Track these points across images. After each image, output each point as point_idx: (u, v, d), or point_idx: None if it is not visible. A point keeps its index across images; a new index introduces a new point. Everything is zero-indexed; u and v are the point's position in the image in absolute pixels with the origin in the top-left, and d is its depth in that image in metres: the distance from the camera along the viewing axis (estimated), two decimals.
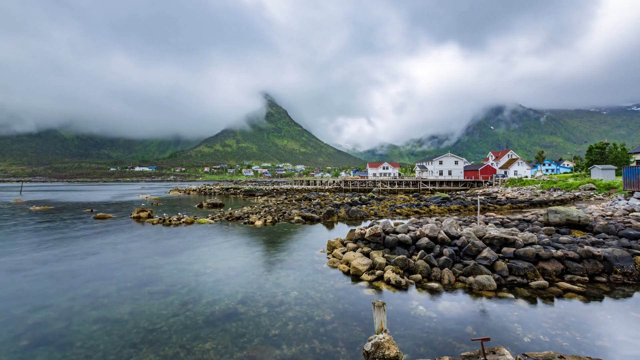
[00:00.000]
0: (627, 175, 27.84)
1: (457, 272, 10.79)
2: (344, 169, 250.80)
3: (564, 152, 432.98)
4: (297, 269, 12.45)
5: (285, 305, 8.98)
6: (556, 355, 5.14)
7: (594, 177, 48.16)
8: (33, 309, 8.84)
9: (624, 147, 71.37)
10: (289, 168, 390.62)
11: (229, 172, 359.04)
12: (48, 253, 15.37)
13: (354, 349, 6.70)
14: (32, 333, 7.50)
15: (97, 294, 9.95)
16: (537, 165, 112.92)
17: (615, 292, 9.57)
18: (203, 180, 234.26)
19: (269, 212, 28.96)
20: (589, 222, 16.33)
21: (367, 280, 10.79)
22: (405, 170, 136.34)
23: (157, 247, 16.57)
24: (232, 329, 7.63)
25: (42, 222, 25.84)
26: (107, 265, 13.12)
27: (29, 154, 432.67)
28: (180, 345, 6.90)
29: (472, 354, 5.45)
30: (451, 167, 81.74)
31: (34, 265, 13.22)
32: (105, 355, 6.55)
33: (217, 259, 14.06)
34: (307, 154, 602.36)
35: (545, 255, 10.99)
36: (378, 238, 13.54)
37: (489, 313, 8.32)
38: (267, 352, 6.63)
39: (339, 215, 27.08)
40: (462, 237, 12.49)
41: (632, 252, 11.51)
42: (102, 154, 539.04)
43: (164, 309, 8.78)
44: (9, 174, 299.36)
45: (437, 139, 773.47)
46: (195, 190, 71.23)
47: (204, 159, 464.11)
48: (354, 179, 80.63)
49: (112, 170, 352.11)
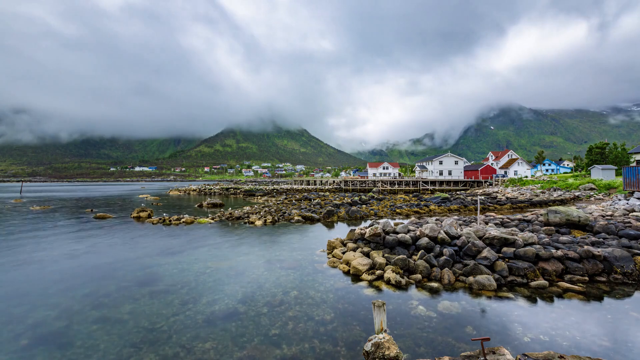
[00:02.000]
0: (627, 175, 27.83)
1: (457, 272, 10.79)
2: (344, 169, 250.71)
3: (564, 152, 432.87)
4: (297, 268, 12.45)
5: (285, 304, 8.98)
6: (556, 355, 5.14)
7: (594, 177, 48.16)
8: (33, 308, 8.84)
9: (624, 147, 71.38)
10: (289, 168, 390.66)
11: (229, 172, 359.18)
12: (48, 253, 15.37)
13: (354, 348, 6.70)
14: (32, 332, 7.50)
15: (97, 293, 9.95)
16: (537, 165, 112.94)
17: (615, 292, 9.57)
18: (203, 180, 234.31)
19: (269, 212, 28.95)
20: (589, 222, 16.32)
21: (367, 280, 10.78)
22: (405, 170, 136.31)
23: (157, 246, 16.57)
24: (232, 328, 7.63)
25: (42, 222, 25.83)
26: (107, 265, 13.12)
27: (29, 154, 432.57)
28: (180, 345, 6.90)
29: (472, 354, 5.45)
30: (451, 167, 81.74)
31: (34, 265, 13.22)
32: (105, 355, 6.55)
33: (217, 258, 14.05)
34: (307, 154, 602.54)
35: (545, 255, 10.99)
36: (378, 238, 13.54)
37: (489, 313, 8.32)
38: (267, 352, 6.63)
39: (339, 215, 27.08)
40: (462, 237, 12.48)
41: (632, 252, 11.51)
42: (102, 154, 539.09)
43: (164, 308, 8.78)
44: (9, 174, 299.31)
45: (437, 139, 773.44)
46: (195, 190, 71.17)
47: (204, 159, 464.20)
48: (354, 179, 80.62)
49: (112, 170, 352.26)
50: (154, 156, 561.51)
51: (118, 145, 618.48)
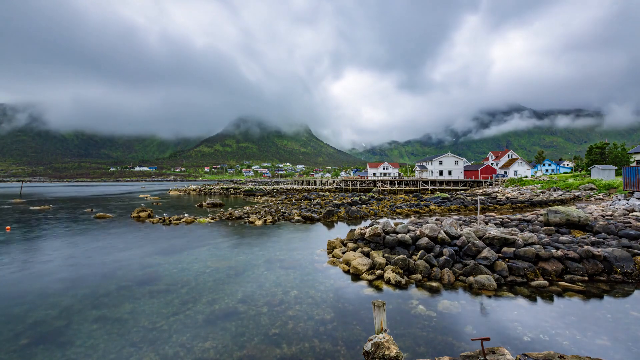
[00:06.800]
0: (627, 175, 27.83)
1: (457, 272, 10.79)
2: (344, 169, 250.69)
3: (564, 152, 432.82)
4: (297, 268, 12.45)
5: (285, 304, 8.98)
6: (556, 355, 5.14)
7: (594, 177, 48.16)
8: (33, 308, 8.84)
9: (624, 147, 71.38)
10: (289, 168, 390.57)
11: (229, 172, 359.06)
12: (48, 253, 15.37)
13: (354, 348, 6.69)
14: (32, 332, 7.50)
15: (97, 292, 9.95)
16: (537, 165, 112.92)
17: (615, 292, 9.57)
18: (203, 180, 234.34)
19: (269, 211, 28.95)
20: (589, 222, 16.33)
21: (367, 280, 10.79)
22: (405, 170, 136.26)
23: (157, 246, 16.57)
24: (232, 328, 7.63)
25: (42, 222, 25.83)
26: (107, 265, 13.12)
27: (29, 154, 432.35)
28: (180, 344, 6.89)
29: (472, 354, 5.45)
30: (451, 167, 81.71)
31: (34, 265, 13.22)
32: (105, 354, 6.55)
33: (217, 258, 14.06)
34: (307, 154, 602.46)
35: (545, 255, 10.99)
36: (378, 238, 13.54)
37: (488, 313, 8.32)
38: (267, 351, 6.62)
39: (339, 215, 27.08)
40: (462, 237, 12.48)
41: (632, 252, 11.51)
42: (102, 154, 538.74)
43: (164, 308, 8.78)
44: (9, 174, 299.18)
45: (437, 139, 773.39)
46: (195, 190, 71.18)
47: (204, 159, 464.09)
48: (354, 179, 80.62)
49: (112, 170, 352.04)
50: (154, 156, 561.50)
51: (118, 145, 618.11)
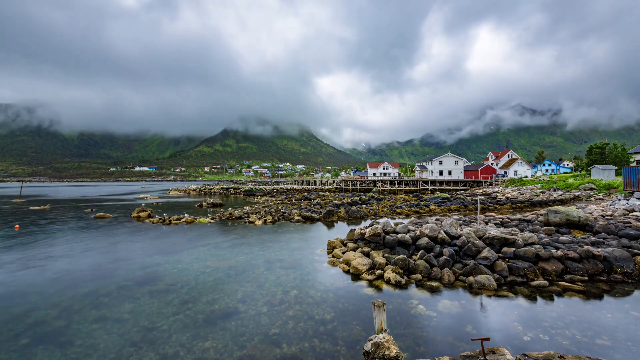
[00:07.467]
0: (627, 175, 27.84)
1: (457, 272, 10.79)
2: (344, 169, 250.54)
3: (564, 152, 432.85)
4: (297, 268, 12.45)
5: (285, 304, 8.98)
6: (556, 355, 5.14)
7: (594, 177, 48.15)
8: (33, 308, 8.84)
9: (624, 147, 71.39)
10: (289, 168, 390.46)
11: (229, 172, 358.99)
12: (48, 252, 15.37)
13: (354, 348, 6.69)
14: (32, 332, 7.50)
15: (97, 292, 9.96)
16: (537, 165, 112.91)
17: (615, 292, 9.57)
18: (203, 180, 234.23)
19: (269, 211, 28.95)
20: (589, 222, 16.33)
21: (367, 280, 10.79)
22: (405, 170, 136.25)
23: (157, 246, 16.57)
24: (232, 327, 7.63)
25: (42, 222, 25.83)
26: (107, 264, 13.13)
27: (29, 153, 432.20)
28: (180, 344, 6.89)
29: (472, 354, 5.45)
30: (451, 167, 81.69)
31: (34, 264, 13.22)
32: (105, 354, 6.55)
33: (217, 258, 14.06)
34: (307, 154, 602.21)
35: (545, 255, 10.99)
36: (378, 238, 13.54)
37: (488, 312, 8.32)
38: (267, 351, 6.62)
39: (339, 215, 27.08)
40: (462, 237, 12.48)
41: (632, 252, 11.52)
42: (102, 154, 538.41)
43: (164, 307, 8.78)
44: (9, 174, 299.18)
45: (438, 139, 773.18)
46: (196, 190, 71.19)
47: (204, 159, 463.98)
48: (354, 179, 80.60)
49: (112, 170, 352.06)
50: (154, 156, 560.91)
51: (118, 145, 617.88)
